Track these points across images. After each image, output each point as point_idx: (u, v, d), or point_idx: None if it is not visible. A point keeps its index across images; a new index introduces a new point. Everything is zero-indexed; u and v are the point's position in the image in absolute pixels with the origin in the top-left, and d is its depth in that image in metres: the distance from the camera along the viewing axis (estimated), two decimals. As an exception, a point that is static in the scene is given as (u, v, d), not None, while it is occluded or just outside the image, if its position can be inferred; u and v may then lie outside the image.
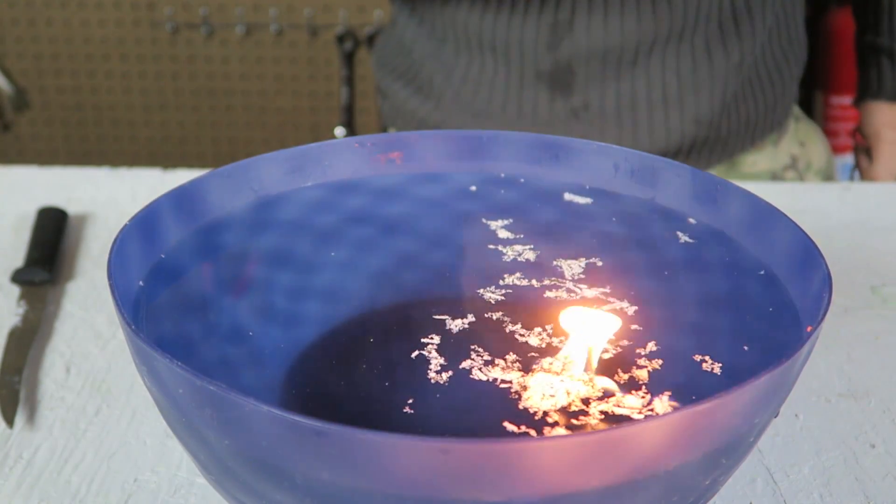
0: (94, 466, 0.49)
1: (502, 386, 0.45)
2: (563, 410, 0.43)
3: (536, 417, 0.43)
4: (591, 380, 0.45)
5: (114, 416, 0.52)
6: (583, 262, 0.51)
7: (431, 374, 0.46)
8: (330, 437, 0.31)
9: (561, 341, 0.48)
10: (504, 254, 0.53)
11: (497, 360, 0.47)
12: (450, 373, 0.46)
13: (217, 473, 0.37)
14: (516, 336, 0.48)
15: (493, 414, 0.43)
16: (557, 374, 0.45)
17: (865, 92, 1.02)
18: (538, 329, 0.49)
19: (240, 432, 0.33)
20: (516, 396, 0.44)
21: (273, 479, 0.34)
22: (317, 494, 0.33)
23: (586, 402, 0.43)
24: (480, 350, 0.48)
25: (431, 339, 0.49)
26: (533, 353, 0.47)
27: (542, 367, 0.46)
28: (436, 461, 0.31)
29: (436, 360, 0.47)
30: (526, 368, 0.46)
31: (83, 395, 0.54)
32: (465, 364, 0.47)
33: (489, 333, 0.49)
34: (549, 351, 0.47)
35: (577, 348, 0.46)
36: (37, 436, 0.51)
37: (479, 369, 0.46)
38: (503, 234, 0.53)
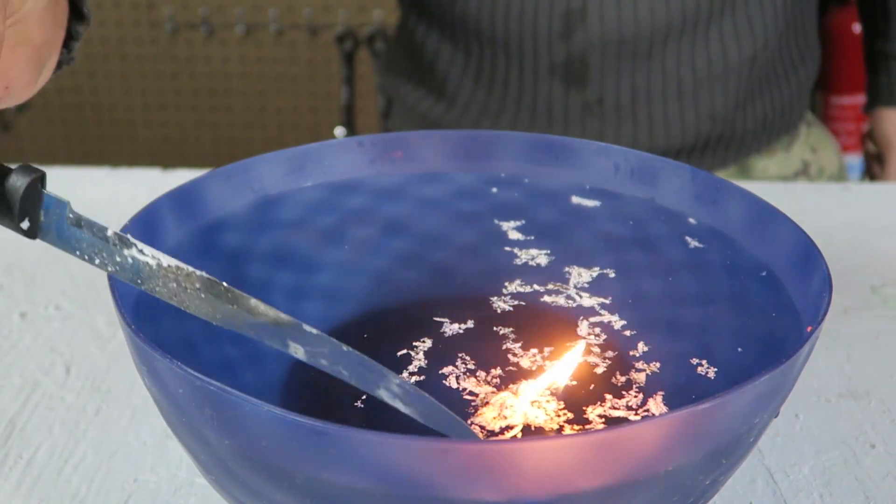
0: (94, 466, 0.49)
1: (466, 398, 0.46)
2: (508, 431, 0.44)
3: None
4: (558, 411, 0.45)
5: (114, 416, 0.52)
6: (595, 270, 0.51)
7: (405, 376, 0.47)
8: (330, 437, 0.31)
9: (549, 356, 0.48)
10: (507, 256, 0.53)
11: (478, 372, 0.47)
12: (422, 377, 0.47)
13: (217, 473, 0.37)
14: (510, 355, 0.49)
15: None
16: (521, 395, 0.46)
17: (876, 99, 1.02)
18: (534, 350, 0.49)
19: (240, 432, 0.33)
20: (472, 411, 0.45)
21: (273, 479, 0.34)
22: (317, 494, 0.33)
23: (539, 430, 0.44)
24: (467, 358, 0.48)
25: (423, 342, 0.49)
26: (511, 368, 0.48)
27: (510, 389, 0.46)
28: (436, 461, 0.31)
29: (417, 363, 0.48)
30: (501, 386, 0.47)
31: (83, 395, 0.54)
32: (444, 370, 0.47)
33: (485, 344, 0.49)
34: (538, 374, 0.47)
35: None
36: (37, 436, 0.51)
37: (457, 378, 0.47)
38: (508, 235, 0.53)
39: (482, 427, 0.44)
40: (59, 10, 0.43)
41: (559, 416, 0.44)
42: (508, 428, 0.44)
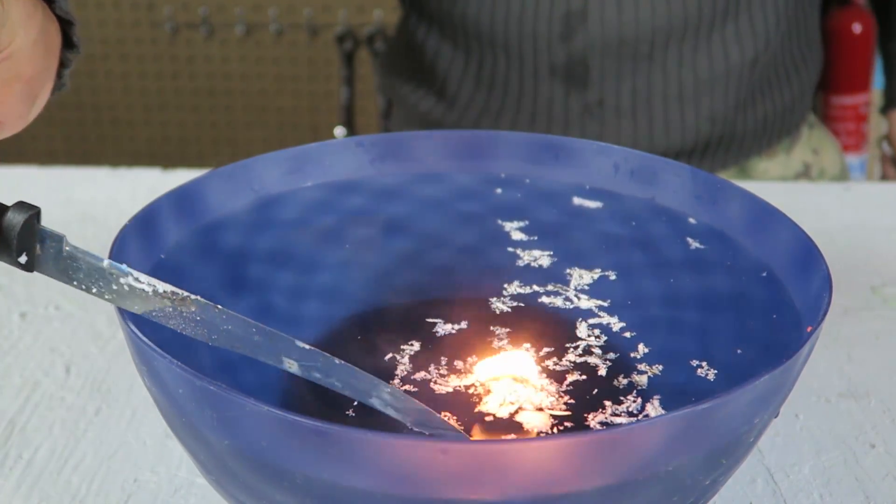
0: (94, 466, 0.49)
1: (468, 392, 0.46)
2: (511, 414, 0.44)
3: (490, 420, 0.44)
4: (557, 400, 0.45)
5: (114, 416, 0.52)
6: (597, 272, 0.51)
7: (396, 383, 0.47)
8: (330, 437, 0.31)
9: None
10: (508, 257, 0.53)
11: (470, 373, 0.48)
12: (417, 378, 0.47)
13: (217, 473, 0.37)
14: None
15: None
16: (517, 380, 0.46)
17: (891, 101, 1.02)
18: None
19: (240, 432, 0.33)
20: (477, 400, 0.45)
21: (273, 479, 0.34)
22: (317, 494, 0.33)
23: (539, 409, 0.44)
24: (462, 359, 0.48)
25: (420, 343, 0.49)
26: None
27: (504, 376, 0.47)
28: (435, 461, 0.31)
29: (412, 363, 0.48)
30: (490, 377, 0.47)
31: (83, 395, 0.54)
32: (440, 371, 0.47)
33: (482, 346, 0.49)
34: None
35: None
36: (37, 436, 0.51)
37: (448, 378, 0.47)
38: (510, 236, 0.53)
39: (493, 414, 0.44)
40: (52, 41, 0.44)
41: (561, 397, 0.45)
42: (511, 413, 0.44)
